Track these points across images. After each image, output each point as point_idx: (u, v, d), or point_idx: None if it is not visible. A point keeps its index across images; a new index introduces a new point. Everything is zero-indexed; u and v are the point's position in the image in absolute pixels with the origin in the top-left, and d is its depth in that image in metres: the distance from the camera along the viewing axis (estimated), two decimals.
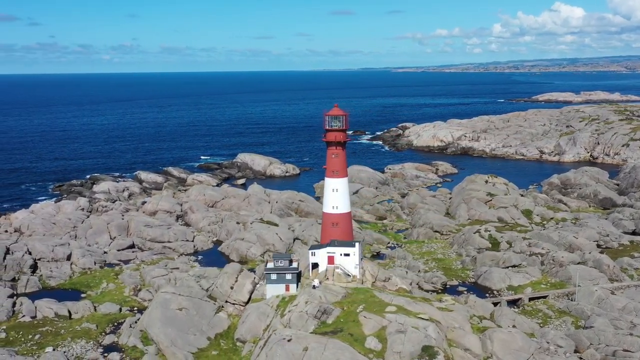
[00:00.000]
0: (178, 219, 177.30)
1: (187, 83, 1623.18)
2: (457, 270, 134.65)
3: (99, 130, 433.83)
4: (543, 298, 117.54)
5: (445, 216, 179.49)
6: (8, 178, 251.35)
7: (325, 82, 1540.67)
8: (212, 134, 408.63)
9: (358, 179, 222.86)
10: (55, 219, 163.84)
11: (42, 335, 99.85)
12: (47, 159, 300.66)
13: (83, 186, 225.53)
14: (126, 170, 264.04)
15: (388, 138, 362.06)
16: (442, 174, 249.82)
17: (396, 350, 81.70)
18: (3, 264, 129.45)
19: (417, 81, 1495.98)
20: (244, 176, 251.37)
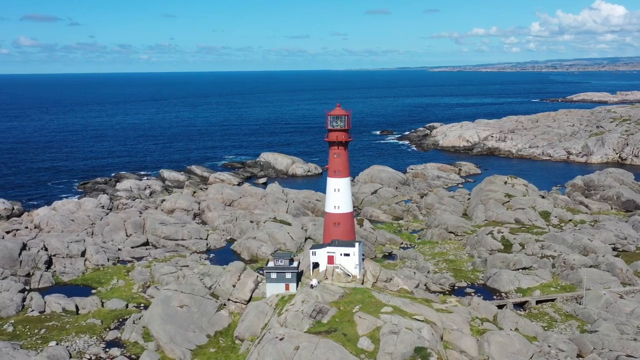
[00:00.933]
0: (195, 217, 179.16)
1: (222, 82, 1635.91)
2: (468, 271, 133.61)
3: (130, 129, 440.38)
4: (551, 301, 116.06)
5: (463, 217, 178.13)
6: (37, 175, 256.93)
7: (360, 82, 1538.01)
8: (241, 133, 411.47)
9: (378, 178, 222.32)
10: (74, 215, 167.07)
11: (47, 330, 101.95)
12: (77, 157, 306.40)
13: (107, 184, 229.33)
14: (152, 169, 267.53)
15: (415, 138, 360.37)
16: (464, 175, 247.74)
17: (388, 351, 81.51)
18: (19, 259, 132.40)
19: (453, 81, 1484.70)
20: (266, 175, 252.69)
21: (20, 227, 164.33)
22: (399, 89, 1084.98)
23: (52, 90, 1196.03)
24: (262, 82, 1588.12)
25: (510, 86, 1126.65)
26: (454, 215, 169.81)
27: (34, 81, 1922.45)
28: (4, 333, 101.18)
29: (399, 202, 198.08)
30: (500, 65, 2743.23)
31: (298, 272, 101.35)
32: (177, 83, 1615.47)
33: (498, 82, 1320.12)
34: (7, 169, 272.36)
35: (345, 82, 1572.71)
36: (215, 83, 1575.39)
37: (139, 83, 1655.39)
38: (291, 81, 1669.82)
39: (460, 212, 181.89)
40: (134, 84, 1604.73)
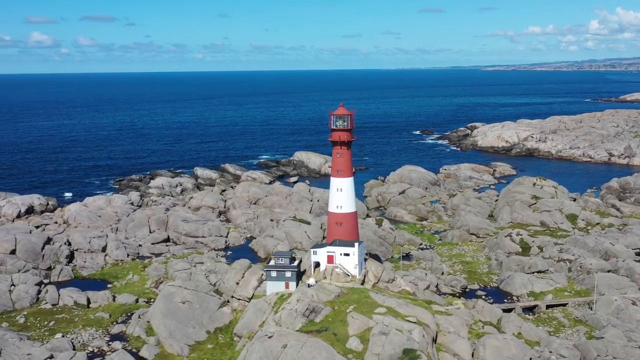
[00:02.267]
0: (220, 214, 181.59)
1: (273, 81, 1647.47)
2: (482, 274, 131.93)
3: (175, 128, 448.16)
4: (562, 306, 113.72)
5: (488, 219, 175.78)
6: (77, 172, 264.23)
7: (411, 81, 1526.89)
8: (282, 132, 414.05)
9: (408, 179, 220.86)
10: (101, 212, 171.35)
11: (56, 322, 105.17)
12: (118, 155, 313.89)
13: (142, 181, 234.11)
14: (188, 167, 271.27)
15: (454, 138, 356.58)
16: (499, 176, 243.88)
17: (375, 352, 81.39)
18: (41, 253, 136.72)
19: (505, 80, 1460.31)
20: (298, 174, 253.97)
21: (50, 222, 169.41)
22: (448, 89, 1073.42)
23: (107, 89, 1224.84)
24: (313, 81, 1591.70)
25: (564, 85, 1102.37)
26: (477, 217, 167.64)
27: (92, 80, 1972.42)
28: (16, 324, 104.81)
29: (425, 202, 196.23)
30: (557, 64, 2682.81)
31: (298, 271, 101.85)
32: (229, 82, 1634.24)
33: (552, 82, 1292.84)
34: (50, 165, 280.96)
35: (396, 81, 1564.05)
36: (266, 82, 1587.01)
37: (193, 82, 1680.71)
38: (342, 80, 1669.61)
39: (486, 213, 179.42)
40: (188, 82, 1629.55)
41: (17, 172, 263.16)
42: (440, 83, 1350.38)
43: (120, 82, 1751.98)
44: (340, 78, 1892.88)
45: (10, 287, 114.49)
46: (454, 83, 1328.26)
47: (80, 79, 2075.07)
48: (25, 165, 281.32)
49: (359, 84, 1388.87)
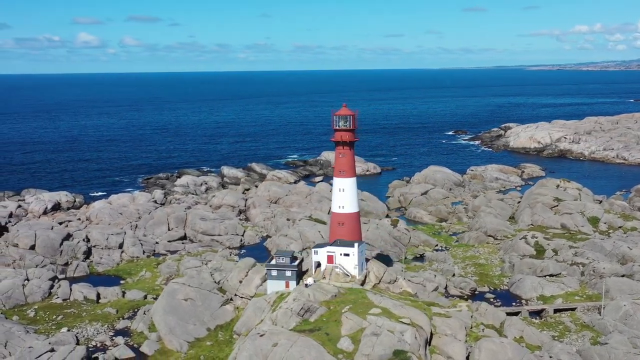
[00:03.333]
0: (240, 213, 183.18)
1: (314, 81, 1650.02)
2: (494, 276, 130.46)
3: (210, 127, 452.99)
4: (571, 310, 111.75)
5: (509, 220, 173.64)
6: (109, 170, 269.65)
7: (453, 81, 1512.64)
8: (315, 132, 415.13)
9: (432, 179, 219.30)
10: (123, 209, 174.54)
11: (64, 317, 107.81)
12: (150, 153, 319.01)
13: (169, 179, 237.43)
14: (217, 166, 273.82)
15: (487, 138, 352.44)
16: (527, 177, 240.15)
17: (365, 353, 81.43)
18: (59, 249, 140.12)
19: (549, 80, 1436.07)
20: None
21: (73, 218, 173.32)
22: (489, 88, 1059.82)
23: (150, 89, 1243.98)
24: (354, 82, 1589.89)
25: (609, 86, 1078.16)
26: (496, 219, 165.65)
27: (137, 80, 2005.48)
28: (25, 317, 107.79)
29: (446, 203, 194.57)
30: (604, 63, 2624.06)
31: (299, 271, 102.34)
32: (270, 82, 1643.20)
33: (597, 82, 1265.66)
34: (84, 163, 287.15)
35: (437, 81, 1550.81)
36: (307, 82, 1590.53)
37: (234, 81, 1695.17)
38: (383, 80, 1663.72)
39: (507, 215, 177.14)
40: (230, 82, 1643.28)
41: (52, 170, 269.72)
42: (482, 83, 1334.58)
43: (163, 81, 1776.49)
44: (381, 78, 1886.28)
45: (24, 282, 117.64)
46: (496, 83, 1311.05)
47: (125, 79, 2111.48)
48: (60, 163, 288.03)
49: (399, 84, 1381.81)
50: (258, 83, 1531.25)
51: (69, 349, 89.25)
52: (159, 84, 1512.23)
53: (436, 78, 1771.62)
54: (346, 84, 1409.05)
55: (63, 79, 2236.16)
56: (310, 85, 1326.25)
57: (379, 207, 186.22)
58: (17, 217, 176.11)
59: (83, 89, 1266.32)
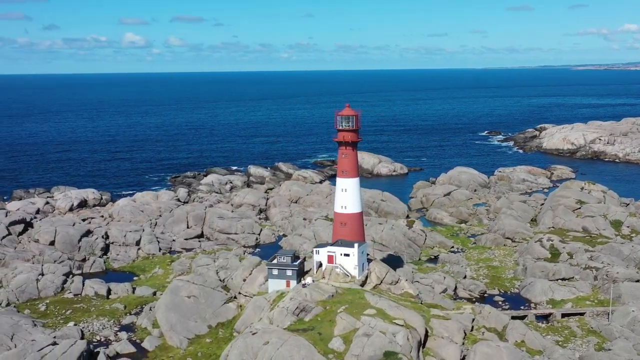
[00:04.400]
0: (261, 212, 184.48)
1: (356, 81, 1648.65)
2: (506, 279, 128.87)
3: (245, 126, 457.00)
4: (580, 315, 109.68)
5: (530, 223, 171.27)
6: (140, 168, 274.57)
7: (497, 81, 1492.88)
8: None
9: (457, 180, 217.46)
10: (145, 207, 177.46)
11: (73, 311, 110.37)
12: (182, 152, 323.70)
13: (195, 178, 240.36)
14: (246, 164, 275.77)
15: (520, 139, 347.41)
16: (556, 179, 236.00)
17: (354, 353, 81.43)
18: (78, 245, 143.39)
19: (594, 80, 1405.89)
20: None
21: (97, 215, 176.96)
22: (532, 88, 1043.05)
23: (193, 88, 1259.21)
24: (396, 81, 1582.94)
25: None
26: (515, 221, 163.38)
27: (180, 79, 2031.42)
28: (36, 311, 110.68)
29: (468, 205, 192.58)
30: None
31: (300, 270, 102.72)
32: (312, 81, 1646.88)
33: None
34: (117, 161, 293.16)
35: (479, 81, 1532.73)
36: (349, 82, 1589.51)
37: (277, 81, 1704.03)
38: (425, 80, 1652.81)
39: (528, 217, 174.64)
40: (272, 82, 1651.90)
41: (85, 168, 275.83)
42: (525, 83, 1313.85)
43: (206, 81, 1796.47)
44: (423, 78, 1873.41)
45: (38, 277, 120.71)
46: (540, 83, 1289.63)
47: (169, 79, 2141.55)
48: (94, 161, 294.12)
49: (441, 84, 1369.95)
50: (299, 83, 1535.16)
51: (69, 343, 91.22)
52: (201, 84, 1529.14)
53: (479, 78, 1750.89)
54: (387, 83, 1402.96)
55: (109, 78, 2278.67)
56: (351, 85, 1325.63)
57: (399, 207, 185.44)
58: (44, 214, 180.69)
59: (127, 88, 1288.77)
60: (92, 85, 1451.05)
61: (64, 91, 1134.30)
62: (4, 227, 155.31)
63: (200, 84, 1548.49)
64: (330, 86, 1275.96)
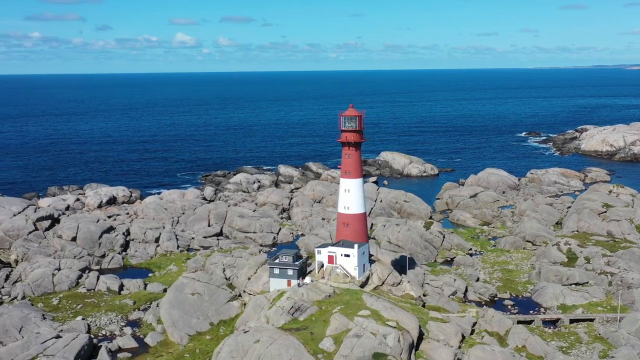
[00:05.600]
0: (284, 211, 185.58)
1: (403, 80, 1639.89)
2: (520, 283, 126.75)
3: (283, 125, 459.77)
4: (590, 321, 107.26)
5: (555, 226, 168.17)
6: (174, 166, 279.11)
7: (546, 81, 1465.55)
8: (387, 132, 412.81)
9: (485, 182, 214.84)
10: (169, 205, 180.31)
11: (83, 306, 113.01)
12: (218, 150, 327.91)
13: (225, 177, 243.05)
14: (278, 164, 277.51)
15: (559, 141, 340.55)
16: (589, 182, 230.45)
17: (343, 354, 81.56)
18: (98, 241, 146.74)
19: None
20: (381, 174, 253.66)
21: (122, 213, 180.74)
22: (583, 89, 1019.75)
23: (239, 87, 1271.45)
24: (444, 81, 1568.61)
25: None
26: (538, 224, 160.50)
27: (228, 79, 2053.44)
28: (49, 305, 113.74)
29: (493, 207, 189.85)
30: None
31: (301, 269, 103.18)
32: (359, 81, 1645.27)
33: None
34: (154, 160, 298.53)
35: (530, 80, 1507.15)
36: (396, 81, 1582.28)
37: (323, 81, 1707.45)
38: (473, 80, 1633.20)
39: (553, 220, 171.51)
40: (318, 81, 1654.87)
41: (121, 166, 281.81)
42: (576, 83, 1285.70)
43: (254, 81, 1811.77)
44: (471, 78, 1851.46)
45: (54, 271, 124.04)
46: (591, 83, 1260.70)
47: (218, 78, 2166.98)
48: (131, 159, 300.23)
49: (488, 83, 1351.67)
50: (344, 83, 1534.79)
51: (72, 336, 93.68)
52: (248, 84, 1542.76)
53: (528, 78, 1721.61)
54: (434, 83, 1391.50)
55: (159, 78, 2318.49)
56: (396, 85, 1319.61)
57: (422, 208, 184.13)
58: (73, 210, 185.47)
59: (176, 87, 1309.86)
60: (143, 85, 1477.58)
61: (115, 91, 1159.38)
62: (31, 223, 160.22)
63: (247, 83, 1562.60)
64: (375, 86, 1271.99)
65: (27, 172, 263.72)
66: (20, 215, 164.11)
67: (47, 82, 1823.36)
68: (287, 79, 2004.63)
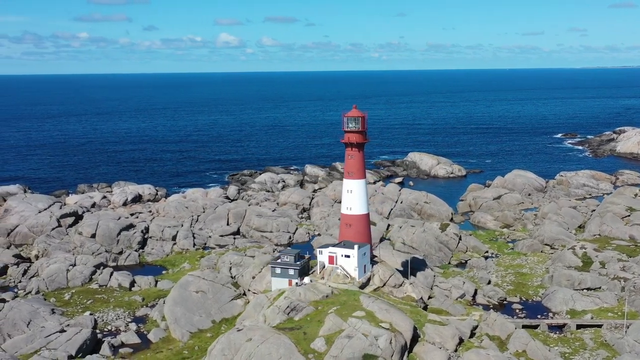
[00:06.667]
0: (304, 211, 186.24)
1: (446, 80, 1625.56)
2: (531, 287, 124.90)
3: (316, 125, 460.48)
4: (598, 327, 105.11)
5: (577, 229, 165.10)
6: (204, 165, 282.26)
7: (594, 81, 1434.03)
8: (419, 132, 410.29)
9: (511, 184, 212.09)
10: (191, 203, 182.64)
11: (93, 301, 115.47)
12: (249, 150, 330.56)
13: (251, 176, 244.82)
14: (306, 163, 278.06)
15: (595, 142, 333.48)
16: (620, 185, 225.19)
17: (333, 354, 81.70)
18: (116, 238, 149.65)
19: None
20: (407, 175, 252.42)
21: (144, 210, 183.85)
22: (629, 89, 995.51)
23: (276, 87, 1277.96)
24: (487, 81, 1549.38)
25: None
26: (558, 227, 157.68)
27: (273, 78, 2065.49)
28: (61, 300, 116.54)
29: (515, 209, 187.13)
30: None
31: (302, 269, 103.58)
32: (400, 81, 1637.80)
33: None
34: (186, 159, 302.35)
35: (576, 80, 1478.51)
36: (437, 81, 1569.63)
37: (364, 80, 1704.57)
38: (517, 80, 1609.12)
39: (576, 224, 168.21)
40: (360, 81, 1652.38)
41: (153, 165, 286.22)
42: (622, 83, 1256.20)
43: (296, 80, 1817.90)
44: (515, 78, 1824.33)
45: (69, 267, 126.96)
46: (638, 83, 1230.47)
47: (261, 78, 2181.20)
48: (163, 158, 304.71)
49: (532, 83, 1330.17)
50: (386, 83, 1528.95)
51: (75, 331, 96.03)
52: (290, 83, 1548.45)
53: (574, 78, 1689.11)
54: (476, 84, 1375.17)
55: (203, 78, 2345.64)
56: (438, 85, 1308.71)
57: (443, 210, 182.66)
58: (99, 207, 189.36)
59: (217, 88, 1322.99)
60: (187, 85, 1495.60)
61: (158, 90, 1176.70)
62: (55, 220, 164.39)
63: (290, 83, 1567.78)
64: (414, 86, 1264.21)
65: (61, 170, 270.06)
66: (45, 212, 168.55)
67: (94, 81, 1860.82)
68: (329, 78, 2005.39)
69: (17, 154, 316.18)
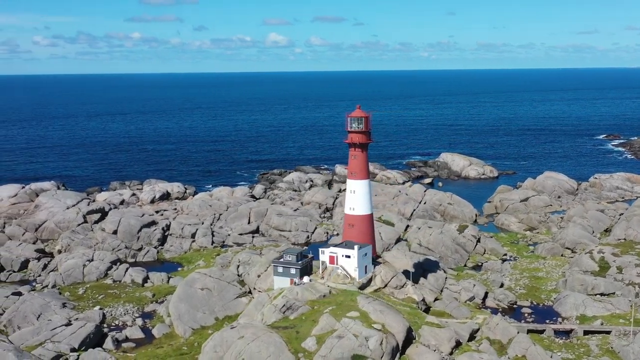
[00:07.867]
0: (327, 211, 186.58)
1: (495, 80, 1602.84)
2: (544, 291, 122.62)
3: None
4: (606, 333, 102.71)
5: (603, 233, 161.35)
6: (237, 164, 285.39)
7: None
8: (459, 132, 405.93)
9: (541, 186, 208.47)
10: (215, 202, 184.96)
11: (105, 296, 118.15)
12: (284, 149, 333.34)
13: (281, 175, 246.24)
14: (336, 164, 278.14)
15: (637, 144, 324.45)
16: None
17: (322, 354, 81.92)
18: (137, 235, 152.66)
19: None
20: (438, 175, 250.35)
21: (169, 208, 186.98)
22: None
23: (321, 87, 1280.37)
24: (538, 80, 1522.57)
25: None
26: (581, 231, 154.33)
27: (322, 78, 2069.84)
28: (75, 294, 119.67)
29: (541, 212, 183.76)
30: None
31: (304, 269, 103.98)
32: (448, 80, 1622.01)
33: None
34: (219, 158, 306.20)
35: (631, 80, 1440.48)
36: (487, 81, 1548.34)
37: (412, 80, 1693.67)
38: (567, 80, 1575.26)
39: (601, 228, 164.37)
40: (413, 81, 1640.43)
41: (187, 163, 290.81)
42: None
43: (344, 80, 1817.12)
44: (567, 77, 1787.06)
45: (86, 262, 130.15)
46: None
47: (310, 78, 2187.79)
48: (198, 157, 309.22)
49: (584, 83, 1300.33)
50: (435, 82, 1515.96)
51: (80, 324, 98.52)
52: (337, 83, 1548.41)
53: (628, 77, 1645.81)
54: (525, 84, 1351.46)
55: (253, 77, 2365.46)
56: (486, 85, 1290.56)
57: (467, 211, 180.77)
58: (127, 205, 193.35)
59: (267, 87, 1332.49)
60: (235, 85, 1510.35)
61: (206, 90, 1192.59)
62: (81, 216, 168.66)
63: (338, 83, 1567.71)
64: (462, 86, 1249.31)
65: (98, 168, 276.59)
66: (72, 208, 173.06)
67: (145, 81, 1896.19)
68: (377, 78, 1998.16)
69: (58, 152, 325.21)
